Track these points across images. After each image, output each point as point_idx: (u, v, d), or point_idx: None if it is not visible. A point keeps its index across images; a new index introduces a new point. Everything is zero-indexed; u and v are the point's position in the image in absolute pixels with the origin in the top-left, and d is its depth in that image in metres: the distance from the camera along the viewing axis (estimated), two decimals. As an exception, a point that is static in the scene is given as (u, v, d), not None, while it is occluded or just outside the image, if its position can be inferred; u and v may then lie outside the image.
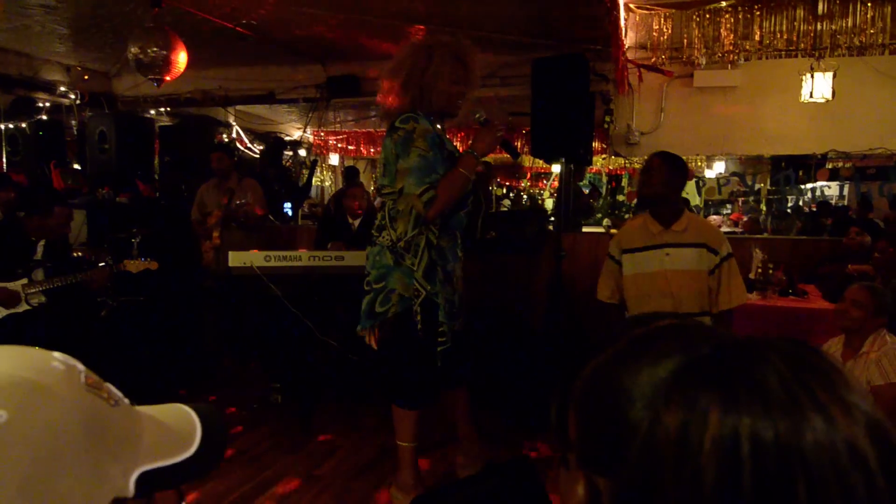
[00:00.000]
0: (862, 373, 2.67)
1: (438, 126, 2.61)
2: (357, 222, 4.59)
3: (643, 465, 0.42)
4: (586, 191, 8.75)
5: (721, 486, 0.40)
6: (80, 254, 4.46)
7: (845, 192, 8.18)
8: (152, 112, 7.07)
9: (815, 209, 8.83)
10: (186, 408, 0.62)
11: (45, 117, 6.47)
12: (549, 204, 9.95)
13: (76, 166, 6.69)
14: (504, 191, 14.01)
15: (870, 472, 0.40)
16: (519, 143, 8.00)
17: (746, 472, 0.39)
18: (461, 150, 2.72)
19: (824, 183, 8.20)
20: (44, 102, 6.52)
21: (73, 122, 6.76)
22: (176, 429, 0.57)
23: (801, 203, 9.07)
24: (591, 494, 0.47)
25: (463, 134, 7.69)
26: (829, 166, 7.54)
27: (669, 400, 0.43)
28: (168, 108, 7.03)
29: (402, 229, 2.53)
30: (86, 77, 6.53)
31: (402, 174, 2.45)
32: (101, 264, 4.19)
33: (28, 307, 3.50)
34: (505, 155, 2.94)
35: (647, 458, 0.42)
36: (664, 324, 0.50)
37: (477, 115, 2.63)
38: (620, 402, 0.45)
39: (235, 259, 3.71)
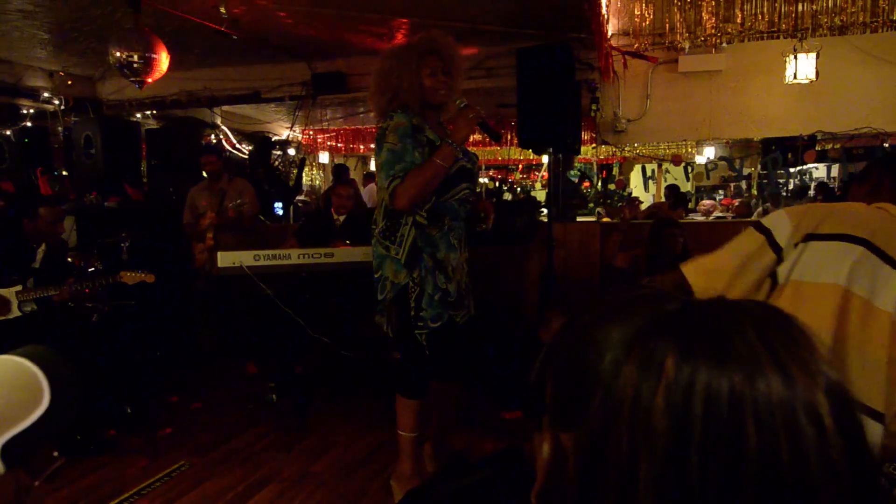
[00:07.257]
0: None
1: (426, 121, 2.62)
2: (342, 218, 4.60)
3: (603, 414, 0.43)
4: (575, 180, 8.75)
5: (672, 430, 0.40)
6: (70, 259, 4.44)
7: (833, 173, 8.19)
8: (138, 115, 7.04)
9: (812, 193, 8.81)
10: (19, 359, 0.57)
11: (29, 124, 6.44)
12: (541, 195, 9.95)
13: (63, 172, 6.66)
14: (497, 184, 14.04)
15: (825, 432, 0.40)
16: (508, 135, 8.01)
17: (696, 417, 0.40)
18: None
19: (812, 165, 8.20)
20: (28, 109, 6.49)
21: (59, 128, 6.73)
22: (19, 386, 0.53)
23: (790, 187, 9.09)
24: (555, 452, 0.48)
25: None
26: (818, 148, 7.55)
27: (630, 350, 0.44)
28: (154, 111, 6.99)
29: (382, 221, 2.62)
30: (69, 82, 6.49)
31: (377, 170, 2.59)
32: (90, 269, 4.17)
33: (20, 314, 3.48)
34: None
35: (606, 406, 0.43)
36: (640, 288, 0.52)
37: (458, 101, 2.65)
38: (591, 356, 0.46)
39: (224, 259, 3.68)
